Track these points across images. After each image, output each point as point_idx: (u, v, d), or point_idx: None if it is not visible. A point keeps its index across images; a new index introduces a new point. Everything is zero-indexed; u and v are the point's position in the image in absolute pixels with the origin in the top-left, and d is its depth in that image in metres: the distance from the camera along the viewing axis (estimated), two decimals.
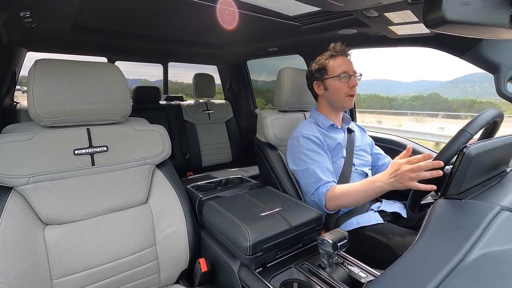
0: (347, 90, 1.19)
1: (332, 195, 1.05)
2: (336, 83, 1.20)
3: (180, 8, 1.27)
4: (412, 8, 0.84)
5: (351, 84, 1.18)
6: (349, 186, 1.04)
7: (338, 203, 1.05)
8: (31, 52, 1.94)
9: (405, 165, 0.86)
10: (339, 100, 1.22)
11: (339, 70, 1.19)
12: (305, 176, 1.15)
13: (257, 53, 2.25)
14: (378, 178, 0.96)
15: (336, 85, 1.20)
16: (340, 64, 1.20)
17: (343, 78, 1.18)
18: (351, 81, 1.18)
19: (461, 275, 0.46)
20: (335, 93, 1.22)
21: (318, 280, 0.75)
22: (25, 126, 0.86)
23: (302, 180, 1.18)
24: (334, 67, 1.21)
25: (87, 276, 0.82)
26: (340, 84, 1.19)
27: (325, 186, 1.08)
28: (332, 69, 1.21)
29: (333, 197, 1.05)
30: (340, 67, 1.19)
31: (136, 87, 2.34)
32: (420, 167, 0.82)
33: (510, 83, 1.00)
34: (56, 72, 0.82)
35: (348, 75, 1.18)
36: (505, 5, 0.53)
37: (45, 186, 0.79)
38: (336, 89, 1.21)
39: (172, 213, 0.99)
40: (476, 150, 0.68)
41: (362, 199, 1.01)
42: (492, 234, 0.55)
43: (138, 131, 0.98)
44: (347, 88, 1.19)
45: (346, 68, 1.19)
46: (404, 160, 0.88)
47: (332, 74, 1.21)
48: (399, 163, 0.88)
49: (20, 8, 1.11)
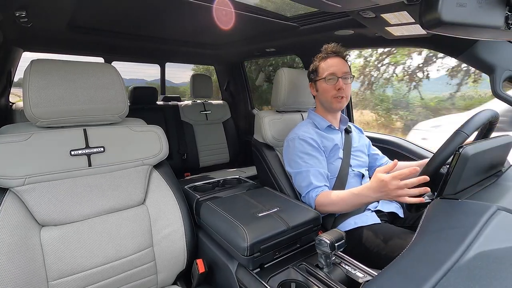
0: (333, 92, 1.19)
1: (321, 201, 1.07)
2: (324, 85, 1.21)
3: (177, 8, 1.27)
4: (408, 9, 0.84)
5: (337, 87, 1.18)
6: (337, 195, 1.03)
7: (326, 210, 1.07)
8: (26, 52, 1.92)
9: (392, 182, 0.84)
10: (327, 102, 1.23)
11: (327, 72, 1.19)
12: (298, 179, 1.16)
13: (255, 53, 2.26)
14: (364, 192, 0.93)
15: (324, 87, 1.21)
16: (329, 66, 1.20)
17: (329, 81, 1.19)
18: (338, 84, 1.18)
19: (458, 275, 0.46)
20: (323, 95, 1.23)
21: (315, 280, 0.75)
22: (21, 126, 0.85)
23: (295, 183, 1.19)
24: (323, 68, 1.21)
25: (83, 277, 0.82)
26: (327, 86, 1.20)
27: (315, 191, 1.09)
28: (321, 71, 1.22)
29: (321, 204, 1.07)
30: (328, 69, 1.20)
31: (133, 87, 2.34)
32: (407, 185, 0.81)
33: (506, 84, 1.01)
34: (52, 73, 0.81)
35: (335, 77, 1.18)
36: (500, 6, 0.53)
37: (41, 187, 0.79)
38: (324, 91, 1.21)
39: (170, 214, 0.98)
40: (472, 150, 0.69)
41: (350, 208, 1.03)
42: (489, 234, 0.55)
43: (135, 132, 0.98)
44: (334, 90, 1.19)
45: (334, 70, 1.18)
46: (389, 177, 0.85)
47: (321, 76, 1.22)
48: (385, 180, 0.85)
49: (16, 8, 1.10)
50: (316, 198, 1.08)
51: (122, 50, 2.16)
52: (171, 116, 2.44)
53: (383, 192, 0.87)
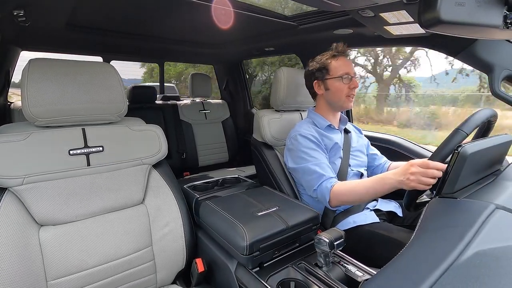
0: (347, 91, 1.19)
1: (338, 190, 1.03)
2: (337, 84, 1.20)
3: (176, 7, 1.27)
4: (407, 9, 0.85)
5: (352, 86, 1.19)
6: (356, 182, 1.03)
7: (342, 199, 1.03)
8: (24, 52, 1.91)
9: (418, 167, 0.83)
10: (339, 101, 1.22)
11: (341, 71, 1.19)
12: (306, 173, 1.14)
13: (254, 52, 2.25)
14: (388, 175, 0.93)
15: (337, 86, 1.20)
16: (342, 65, 1.19)
17: (345, 79, 1.18)
18: (352, 83, 1.18)
19: (456, 273, 0.46)
20: (336, 93, 1.21)
21: (315, 279, 0.75)
22: (19, 126, 0.84)
23: (302, 178, 1.17)
24: (336, 67, 1.20)
25: (82, 277, 0.81)
26: (342, 85, 1.19)
27: (329, 181, 1.06)
28: (334, 70, 1.20)
29: (338, 193, 1.03)
30: (342, 68, 1.19)
31: (132, 86, 2.33)
32: (434, 174, 0.80)
33: (504, 83, 1.02)
34: (50, 72, 0.81)
35: (349, 76, 1.18)
36: (498, 6, 0.53)
37: (40, 187, 0.78)
38: (338, 90, 1.20)
39: (169, 213, 0.98)
40: (470, 149, 0.69)
41: (368, 196, 0.99)
42: (487, 233, 0.56)
43: (134, 131, 0.97)
44: (348, 89, 1.19)
45: (348, 70, 1.18)
46: (420, 161, 0.85)
47: (334, 74, 1.20)
48: (414, 163, 0.85)
49: (13, 7, 1.09)
50: (331, 187, 1.04)
51: (121, 49, 2.16)
52: (170, 115, 2.44)
53: (407, 175, 0.84)
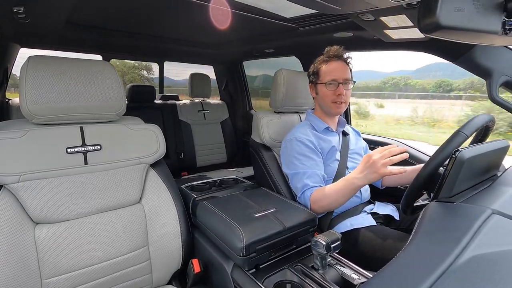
0: (333, 98, 1.19)
1: (315, 197, 1.07)
2: (324, 90, 1.21)
3: (176, 7, 1.27)
4: (407, 13, 0.85)
5: (337, 93, 1.18)
6: (329, 187, 1.05)
7: (321, 205, 1.06)
8: (24, 49, 1.91)
9: (376, 154, 0.91)
10: (325, 106, 1.23)
11: (328, 77, 1.19)
12: (295, 180, 1.16)
13: (253, 53, 2.26)
14: (351, 175, 0.99)
15: (324, 91, 1.21)
16: (330, 71, 1.19)
17: (329, 86, 1.18)
18: (338, 89, 1.17)
19: (452, 277, 0.46)
20: (322, 99, 1.23)
21: (311, 282, 0.75)
22: (16, 123, 0.84)
23: (292, 183, 1.19)
24: (324, 72, 1.20)
25: (77, 276, 0.81)
26: (327, 91, 1.19)
27: (310, 190, 1.09)
28: (323, 75, 1.21)
29: (315, 200, 1.07)
30: (329, 74, 1.19)
31: (131, 85, 2.33)
32: (391, 152, 0.90)
33: (502, 89, 1.02)
34: (49, 69, 0.80)
35: (336, 82, 1.17)
36: (497, 12, 0.54)
37: (36, 185, 0.78)
38: (324, 96, 1.21)
39: (166, 213, 0.98)
40: (468, 154, 0.69)
41: (342, 198, 1.02)
42: (483, 237, 0.56)
43: (133, 130, 0.97)
44: (333, 96, 1.18)
45: (336, 76, 1.17)
46: (374, 150, 0.94)
47: (322, 80, 1.21)
48: (369, 154, 0.94)
49: (13, 4, 1.09)
50: (310, 196, 1.08)
51: (121, 48, 2.15)
52: (169, 115, 2.44)
53: (370, 167, 0.92)
